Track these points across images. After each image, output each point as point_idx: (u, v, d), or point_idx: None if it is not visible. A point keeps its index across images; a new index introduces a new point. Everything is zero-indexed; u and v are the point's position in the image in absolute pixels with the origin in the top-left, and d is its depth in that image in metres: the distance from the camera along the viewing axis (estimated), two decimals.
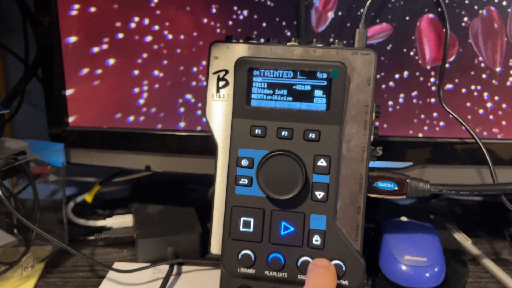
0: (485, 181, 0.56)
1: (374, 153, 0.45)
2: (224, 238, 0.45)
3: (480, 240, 0.62)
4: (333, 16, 0.53)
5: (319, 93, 0.43)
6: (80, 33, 0.55)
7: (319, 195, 0.43)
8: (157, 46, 0.55)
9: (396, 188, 0.46)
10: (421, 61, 0.54)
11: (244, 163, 0.44)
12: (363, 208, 0.43)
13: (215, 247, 0.46)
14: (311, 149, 0.43)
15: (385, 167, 0.56)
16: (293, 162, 0.42)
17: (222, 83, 0.46)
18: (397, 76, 0.54)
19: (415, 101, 0.55)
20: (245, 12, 0.54)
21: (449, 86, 0.54)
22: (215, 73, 0.46)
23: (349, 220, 0.43)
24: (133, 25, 0.55)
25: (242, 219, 0.44)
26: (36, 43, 0.60)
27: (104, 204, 0.71)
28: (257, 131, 0.44)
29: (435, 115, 0.55)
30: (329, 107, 0.43)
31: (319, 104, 0.43)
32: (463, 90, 0.55)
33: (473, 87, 0.54)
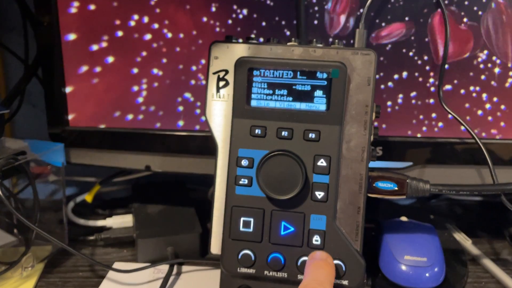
0: (485, 181, 0.56)
1: (374, 153, 0.45)
2: (224, 238, 0.45)
3: (480, 240, 0.62)
4: (345, 19, 0.52)
5: (319, 93, 0.43)
6: (79, 30, 0.55)
7: (319, 195, 0.43)
8: (157, 44, 0.55)
9: (396, 188, 0.46)
10: (434, 58, 0.53)
11: (244, 163, 0.44)
12: (363, 208, 0.43)
13: (215, 247, 0.46)
14: (311, 149, 0.43)
15: (385, 167, 0.56)
16: (293, 162, 0.42)
17: (222, 83, 0.46)
18: (396, 76, 0.54)
19: (413, 101, 0.55)
20: (245, 11, 0.54)
21: (448, 87, 0.54)
22: (215, 73, 0.46)
23: (349, 220, 0.43)
24: (133, 23, 0.55)
25: (242, 219, 0.44)
26: (36, 42, 0.60)
27: (104, 204, 0.71)
28: (257, 131, 0.44)
29: (433, 115, 0.55)
30: (329, 107, 0.43)
31: (319, 104, 0.43)
32: (462, 90, 0.54)
33: (471, 88, 0.54)
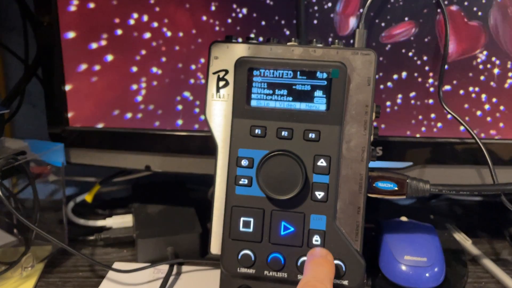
0: (485, 181, 0.56)
1: (374, 153, 0.45)
2: (224, 238, 0.45)
3: (480, 240, 0.62)
4: (355, 21, 0.52)
5: (319, 93, 0.43)
6: (79, 28, 0.55)
7: (319, 195, 0.43)
8: (156, 43, 0.55)
9: (396, 188, 0.46)
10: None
11: (244, 163, 0.44)
12: (363, 208, 0.43)
13: (215, 247, 0.46)
14: (311, 149, 0.43)
15: (385, 167, 0.56)
16: (293, 162, 0.42)
17: (222, 83, 0.46)
18: (395, 76, 0.54)
19: (413, 101, 0.55)
20: (244, 10, 0.54)
21: (447, 87, 0.54)
22: (215, 73, 0.46)
23: (349, 220, 0.43)
24: (132, 22, 0.55)
25: (242, 219, 0.44)
26: (36, 41, 0.60)
27: (104, 204, 0.71)
28: (257, 131, 0.44)
29: (432, 116, 0.55)
30: (329, 107, 0.43)
31: (319, 104, 0.43)
32: (461, 91, 0.54)
33: (471, 88, 0.54)
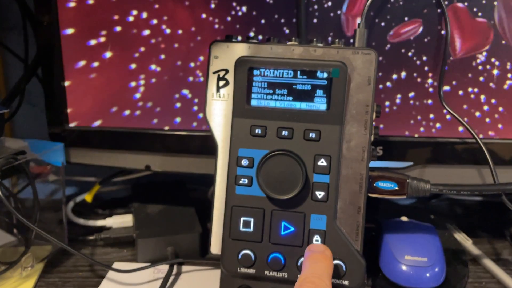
0: (486, 181, 0.56)
1: (374, 153, 0.45)
2: (224, 238, 0.44)
3: (480, 240, 0.62)
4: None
5: (319, 92, 0.43)
6: (78, 25, 0.55)
7: (319, 195, 0.43)
8: (155, 40, 0.55)
9: (396, 188, 0.46)
10: (451, 52, 0.53)
11: (244, 162, 0.44)
12: (363, 208, 0.43)
13: (215, 247, 0.46)
14: (312, 149, 0.43)
15: (386, 167, 0.56)
16: (293, 162, 0.42)
17: (222, 83, 0.46)
18: (394, 76, 0.54)
19: (412, 102, 0.55)
20: (244, 8, 0.54)
21: (446, 87, 0.54)
22: (215, 73, 0.46)
23: (349, 220, 0.43)
24: (131, 19, 0.55)
25: (242, 219, 0.44)
26: (35, 41, 0.59)
27: (104, 204, 0.71)
28: (257, 130, 0.44)
29: (431, 116, 0.55)
30: (329, 107, 0.43)
31: (320, 103, 0.43)
32: (460, 92, 0.54)
33: (470, 89, 0.54)
